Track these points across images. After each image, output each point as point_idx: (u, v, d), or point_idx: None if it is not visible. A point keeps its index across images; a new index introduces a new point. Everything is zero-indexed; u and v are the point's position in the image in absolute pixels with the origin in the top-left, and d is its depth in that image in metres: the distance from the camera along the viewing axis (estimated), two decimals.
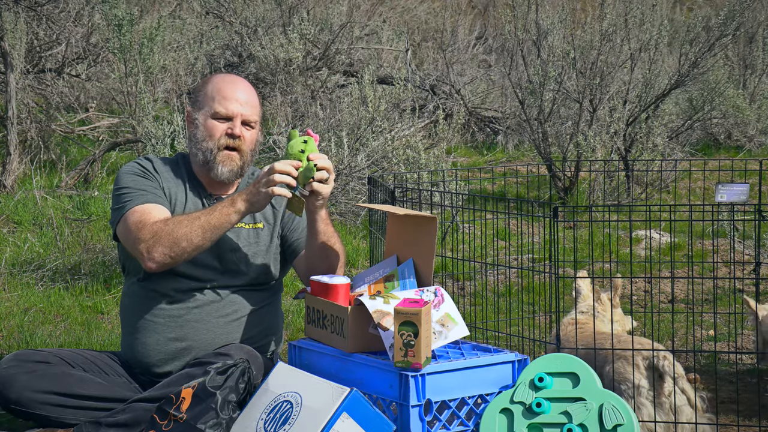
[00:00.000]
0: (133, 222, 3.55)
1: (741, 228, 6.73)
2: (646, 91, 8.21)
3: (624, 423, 3.16)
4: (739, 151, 10.02)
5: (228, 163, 3.67)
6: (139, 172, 3.69)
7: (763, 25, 11.03)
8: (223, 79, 3.75)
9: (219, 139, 3.66)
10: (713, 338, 4.93)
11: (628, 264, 5.89)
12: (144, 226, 3.52)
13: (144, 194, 3.62)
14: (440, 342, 3.26)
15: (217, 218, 3.49)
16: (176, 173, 3.75)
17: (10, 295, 5.72)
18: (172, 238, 3.47)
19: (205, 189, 3.74)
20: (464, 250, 4.50)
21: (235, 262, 3.66)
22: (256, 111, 3.73)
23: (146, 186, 3.65)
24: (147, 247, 3.50)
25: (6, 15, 7.80)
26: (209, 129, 3.67)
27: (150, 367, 3.64)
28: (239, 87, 3.72)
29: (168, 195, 3.68)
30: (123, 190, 3.64)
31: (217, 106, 3.67)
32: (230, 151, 3.67)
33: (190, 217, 3.51)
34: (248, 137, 3.69)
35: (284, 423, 3.15)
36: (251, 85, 3.78)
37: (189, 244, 3.48)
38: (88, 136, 8.90)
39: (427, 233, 3.41)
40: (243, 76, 9.63)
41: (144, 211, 3.57)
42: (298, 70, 8.89)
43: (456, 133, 8.52)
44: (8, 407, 3.50)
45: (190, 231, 3.48)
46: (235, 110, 3.67)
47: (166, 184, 3.70)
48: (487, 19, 13.54)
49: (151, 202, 3.60)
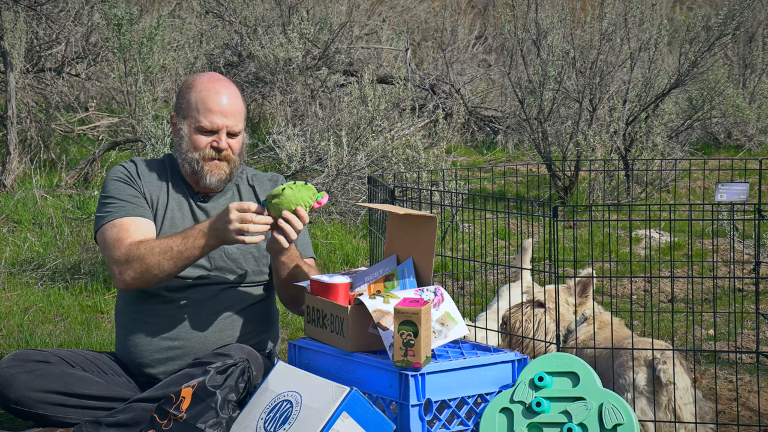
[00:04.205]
0: (110, 237, 3.59)
1: (741, 227, 6.73)
2: (645, 91, 8.21)
3: (624, 422, 3.16)
4: (738, 150, 10.02)
5: (216, 172, 3.67)
6: (123, 178, 3.69)
7: (762, 24, 11.03)
8: (206, 87, 3.66)
9: (204, 150, 3.64)
10: (713, 338, 4.93)
11: (628, 263, 5.89)
12: (119, 245, 3.55)
13: (124, 206, 3.63)
14: (440, 341, 3.26)
15: (189, 250, 3.49)
16: (161, 176, 3.75)
17: (9, 294, 5.72)
18: (143, 265, 3.50)
19: (192, 188, 3.74)
20: (464, 250, 4.50)
21: (225, 259, 3.67)
22: (241, 117, 3.69)
23: (128, 196, 3.65)
24: (119, 270, 3.54)
25: (6, 14, 7.79)
26: (194, 142, 3.65)
27: (144, 368, 3.65)
28: (223, 95, 3.65)
29: (150, 200, 3.68)
30: (106, 198, 3.66)
31: (201, 119, 3.63)
32: (217, 161, 3.66)
33: (163, 244, 3.50)
34: (234, 145, 3.68)
35: (284, 422, 3.15)
36: (235, 86, 3.73)
37: (160, 272, 3.52)
38: (88, 136, 8.90)
39: (426, 232, 3.41)
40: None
41: (122, 227, 3.59)
42: (297, 69, 8.88)
43: (456, 132, 8.52)
44: (8, 407, 3.50)
45: (161, 260, 3.50)
46: (220, 123, 3.63)
47: (148, 189, 3.70)
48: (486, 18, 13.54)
49: (130, 215, 3.62)
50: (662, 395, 3.43)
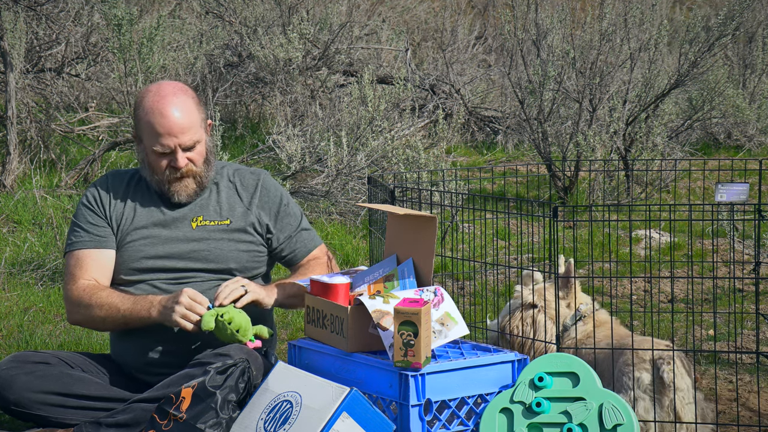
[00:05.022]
0: (68, 269, 3.68)
1: (741, 228, 6.72)
2: (645, 91, 8.21)
3: (624, 422, 3.16)
4: (738, 150, 10.02)
5: (183, 191, 3.66)
6: (90, 204, 3.71)
7: (762, 24, 11.02)
8: (151, 107, 3.56)
9: (164, 172, 3.62)
10: (713, 338, 4.93)
11: (628, 264, 5.89)
12: (73, 282, 3.64)
13: (85, 237, 3.67)
14: (440, 341, 3.26)
15: (134, 318, 3.56)
16: (131, 186, 3.74)
17: (9, 294, 5.72)
18: (89, 316, 3.60)
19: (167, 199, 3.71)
20: (464, 250, 4.50)
21: (207, 258, 3.67)
22: (195, 128, 3.59)
23: (90, 226, 3.68)
24: (69, 308, 3.67)
25: (6, 15, 7.79)
26: (152, 164, 3.62)
27: (136, 373, 3.66)
28: (168, 114, 3.55)
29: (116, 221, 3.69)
30: (74, 224, 3.72)
31: (153, 144, 3.57)
32: (181, 180, 3.63)
33: (111, 303, 3.57)
34: (195, 156, 3.63)
35: (284, 422, 3.15)
36: (183, 94, 3.60)
37: (103, 327, 3.67)
38: (88, 136, 8.89)
39: (426, 233, 3.40)
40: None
41: (79, 261, 3.66)
42: (297, 69, 8.88)
43: (456, 132, 8.51)
44: (8, 408, 3.50)
45: (106, 317, 3.58)
46: (172, 144, 3.57)
47: (114, 207, 3.70)
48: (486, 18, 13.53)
49: (88, 247, 3.66)
50: (665, 395, 3.43)
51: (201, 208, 3.70)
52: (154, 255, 3.65)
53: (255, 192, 3.75)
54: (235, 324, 3.42)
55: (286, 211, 3.77)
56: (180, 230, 3.67)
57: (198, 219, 3.69)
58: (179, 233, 3.67)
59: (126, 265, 3.66)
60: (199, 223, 3.69)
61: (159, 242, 3.66)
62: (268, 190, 3.77)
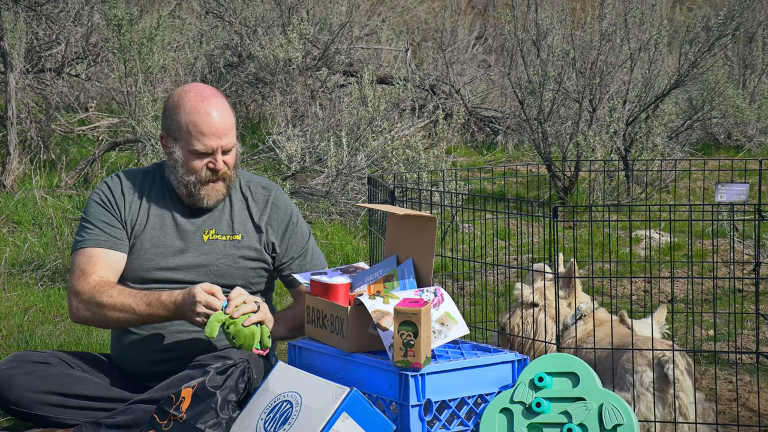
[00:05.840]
0: (78, 265, 3.60)
1: (741, 228, 6.73)
2: (645, 91, 8.21)
3: (624, 423, 3.16)
4: (738, 151, 10.02)
5: (213, 195, 3.63)
6: (102, 201, 3.67)
7: (762, 25, 11.03)
8: (195, 107, 3.55)
9: (200, 173, 3.59)
10: (713, 338, 4.93)
11: (628, 264, 5.89)
12: (84, 278, 3.57)
13: (98, 235, 3.62)
14: (440, 341, 3.26)
15: (149, 318, 3.53)
16: (145, 192, 3.70)
17: (9, 294, 5.72)
18: (100, 315, 3.54)
19: (182, 202, 3.70)
20: (464, 250, 4.50)
21: (215, 273, 3.64)
22: (233, 132, 3.62)
23: (103, 224, 3.63)
24: (76, 304, 3.57)
25: (6, 15, 7.79)
26: (189, 166, 3.59)
27: (137, 378, 3.66)
28: (213, 115, 3.55)
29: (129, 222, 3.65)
30: (84, 221, 3.66)
31: (195, 144, 3.56)
32: (214, 183, 3.62)
33: (125, 303, 3.52)
34: (230, 160, 3.62)
35: (284, 423, 3.15)
36: (222, 97, 3.63)
37: (114, 325, 3.60)
38: (88, 136, 8.90)
39: (426, 233, 3.40)
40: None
41: (91, 259, 3.60)
42: (297, 69, 8.89)
43: (456, 132, 8.52)
44: (8, 408, 3.50)
45: (120, 317, 3.53)
46: (215, 145, 3.56)
47: (130, 209, 3.66)
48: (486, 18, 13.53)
49: (101, 246, 3.61)
50: (668, 394, 3.43)
51: (214, 221, 3.67)
52: (164, 266, 3.63)
53: (265, 208, 3.72)
54: (238, 339, 3.42)
55: (293, 230, 3.75)
56: (191, 242, 3.65)
57: (210, 232, 3.67)
58: (190, 245, 3.64)
59: (135, 273, 3.64)
60: (211, 236, 3.66)
61: (170, 253, 3.64)
62: (278, 207, 3.74)
